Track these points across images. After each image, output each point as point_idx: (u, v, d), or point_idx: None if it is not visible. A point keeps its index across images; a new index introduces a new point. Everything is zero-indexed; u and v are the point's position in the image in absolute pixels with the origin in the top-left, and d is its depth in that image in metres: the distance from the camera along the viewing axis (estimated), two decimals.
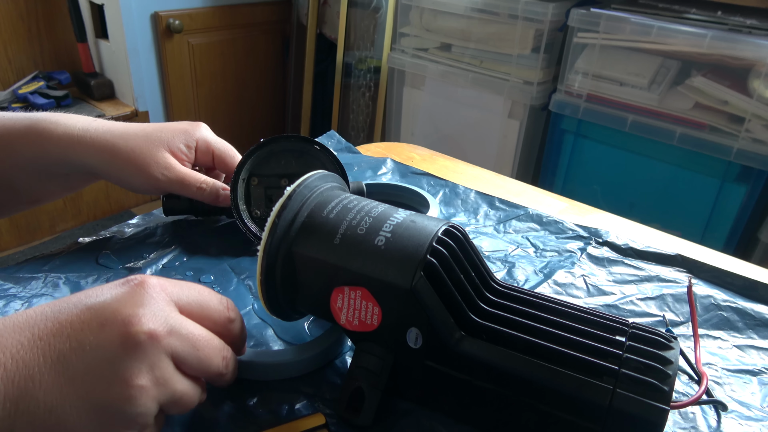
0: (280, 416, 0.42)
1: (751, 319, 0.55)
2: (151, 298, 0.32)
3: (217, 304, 0.36)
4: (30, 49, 1.82)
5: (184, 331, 0.32)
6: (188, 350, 0.32)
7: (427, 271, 0.38)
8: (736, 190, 1.24)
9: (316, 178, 0.45)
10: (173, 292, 0.33)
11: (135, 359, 0.29)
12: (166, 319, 0.31)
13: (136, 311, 0.30)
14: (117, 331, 0.29)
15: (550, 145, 1.51)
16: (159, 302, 0.32)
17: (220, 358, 0.35)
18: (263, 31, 2.15)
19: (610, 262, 0.63)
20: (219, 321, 0.36)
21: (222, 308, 0.37)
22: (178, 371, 0.32)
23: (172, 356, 0.31)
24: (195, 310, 0.35)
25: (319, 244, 0.41)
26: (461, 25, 1.56)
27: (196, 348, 0.33)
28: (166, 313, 0.32)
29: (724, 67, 1.21)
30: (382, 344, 0.41)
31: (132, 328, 0.30)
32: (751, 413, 0.45)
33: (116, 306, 0.30)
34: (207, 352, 0.33)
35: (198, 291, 0.36)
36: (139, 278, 0.32)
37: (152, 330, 0.30)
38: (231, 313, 0.37)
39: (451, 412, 0.42)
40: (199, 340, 0.33)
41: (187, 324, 0.33)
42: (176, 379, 0.32)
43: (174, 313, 0.32)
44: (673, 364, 0.37)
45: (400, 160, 0.86)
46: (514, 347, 0.38)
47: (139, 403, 0.30)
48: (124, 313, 0.30)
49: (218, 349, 0.35)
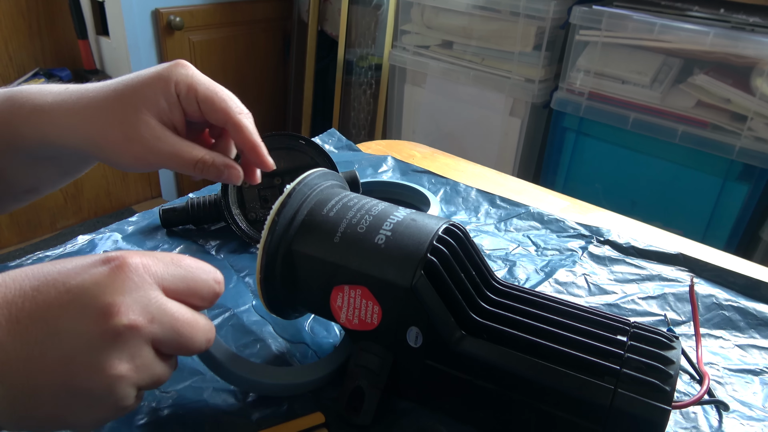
0: (279, 415, 0.42)
1: (753, 318, 0.54)
2: (132, 282, 0.30)
3: (206, 278, 0.34)
4: (31, 46, 1.82)
5: (167, 317, 0.31)
6: (170, 335, 0.31)
7: (428, 270, 0.38)
8: (738, 189, 1.24)
9: (316, 176, 0.44)
10: (157, 272, 0.32)
11: (114, 349, 0.29)
12: (147, 305, 0.30)
13: (116, 300, 0.29)
14: (96, 321, 0.28)
15: (552, 143, 1.51)
16: (140, 287, 0.30)
17: (204, 339, 0.34)
18: (264, 28, 2.14)
19: (612, 260, 0.63)
20: (207, 297, 0.35)
21: (211, 282, 0.35)
22: (157, 356, 0.32)
23: (152, 342, 0.31)
24: (181, 289, 0.33)
25: (319, 242, 0.40)
26: (463, 23, 1.55)
27: (178, 333, 0.32)
28: (147, 298, 0.30)
29: (727, 65, 1.20)
30: (382, 343, 0.40)
31: (112, 318, 0.29)
32: (752, 413, 0.44)
33: (96, 292, 0.29)
34: (190, 334, 0.32)
35: (185, 267, 0.34)
36: (120, 258, 0.30)
37: (132, 321, 0.29)
38: (219, 286, 0.35)
39: (451, 412, 0.42)
40: (182, 324, 0.32)
41: (170, 308, 0.32)
42: (155, 364, 0.31)
43: (156, 297, 0.31)
44: (675, 363, 0.36)
45: (401, 158, 0.85)
46: (515, 347, 0.38)
47: (118, 390, 0.29)
48: (104, 302, 0.29)
49: (203, 331, 0.33)
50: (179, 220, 0.62)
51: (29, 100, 0.42)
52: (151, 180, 2.04)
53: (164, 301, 0.31)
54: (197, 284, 0.34)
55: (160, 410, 0.41)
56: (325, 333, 0.50)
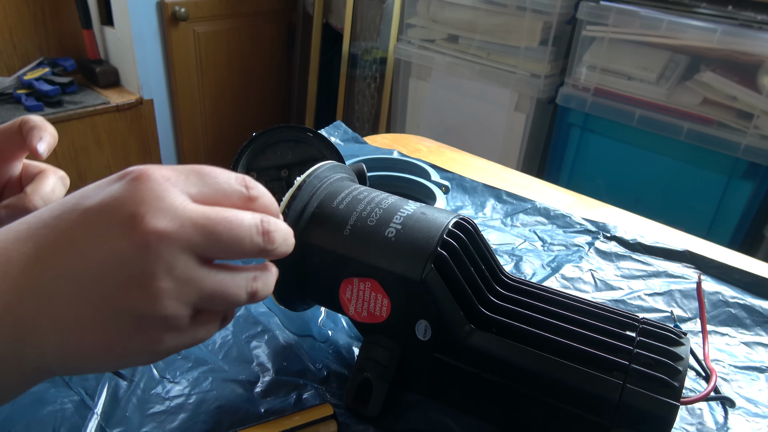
0: (288, 406, 0.42)
1: (759, 316, 0.55)
2: (153, 191, 0.27)
3: (234, 184, 0.31)
4: (35, 36, 1.81)
5: (200, 219, 0.28)
6: (209, 239, 0.28)
7: (438, 264, 0.38)
8: (742, 187, 1.23)
9: (325, 168, 0.44)
10: (179, 182, 0.29)
11: (148, 261, 0.26)
12: (174, 210, 0.27)
13: (138, 210, 0.27)
14: (121, 234, 0.26)
15: (557, 139, 1.50)
16: (163, 194, 0.28)
17: (253, 234, 0.29)
18: (269, 20, 2.13)
19: (618, 256, 0.63)
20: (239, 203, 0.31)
21: (240, 188, 0.31)
22: (203, 264, 0.28)
23: (190, 250, 0.28)
24: (209, 195, 0.30)
25: (329, 234, 0.40)
26: (468, 17, 1.54)
27: (217, 233, 0.28)
28: (173, 204, 0.28)
29: (734, 63, 1.20)
30: (390, 336, 0.40)
31: (137, 229, 0.26)
32: (758, 410, 0.45)
33: (116, 205, 0.27)
34: (232, 234, 0.29)
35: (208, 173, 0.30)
36: (137, 170, 0.28)
37: (160, 228, 0.27)
38: (251, 191, 0.31)
39: (458, 405, 0.42)
40: (218, 224, 0.28)
41: (201, 210, 0.28)
42: (202, 275, 0.28)
43: (183, 202, 0.28)
44: (684, 360, 0.36)
45: (407, 152, 0.85)
46: (523, 341, 0.38)
47: (163, 305, 0.27)
48: (126, 213, 0.27)
49: (247, 226, 0.29)
50: None
51: None
52: None
53: (193, 206, 0.28)
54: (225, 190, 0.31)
55: (169, 400, 0.42)
56: (333, 326, 0.50)
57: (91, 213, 0.27)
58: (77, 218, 0.27)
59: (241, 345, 0.47)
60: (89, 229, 0.27)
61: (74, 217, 0.27)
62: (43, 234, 0.27)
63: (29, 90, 1.70)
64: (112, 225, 0.27)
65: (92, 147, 1.81)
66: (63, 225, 0.27)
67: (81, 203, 0.28)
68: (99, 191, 0.28)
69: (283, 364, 0.46)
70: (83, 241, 0.27)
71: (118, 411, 0.40)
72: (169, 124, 2.02)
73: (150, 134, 1.94)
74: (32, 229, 0.28)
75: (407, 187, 0.72)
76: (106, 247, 0.27)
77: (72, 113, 1.70)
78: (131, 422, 0.40)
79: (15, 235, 0.28)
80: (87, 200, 0.28)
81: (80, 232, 0.27)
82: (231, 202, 0.31)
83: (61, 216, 0.28)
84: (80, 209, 0.28)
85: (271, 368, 0.45)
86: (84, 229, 0.27)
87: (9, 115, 1.61)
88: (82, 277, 0.27)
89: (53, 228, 0.27)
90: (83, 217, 0.27)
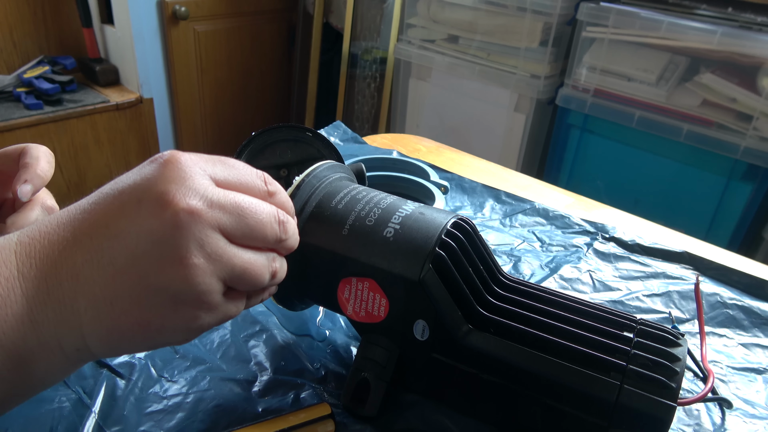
0: (285, 406, 0.42)
1: (756, 317, 0.55)
2: (183, 172, 0.29)
3: (255, 178, 0.33)
4: (35, 34, 1.81)
5: (227, 200, 0.30)
6: (235, 220, 0.30)
7: (436, 264, 0.38)
8: (742, 188, 1.24)
9: (324, 168, 0.44)
10: (206, 167, 0.31)
11: (180, 238, 0.28)
12: (204, 192, 0.29)
13: (169, 188, 0.28)
14: (153, 213, 0.28)
15: (556, 140, 1.50)
16: (192, 176, 0.29)
17: (272, 221, 0.32)
18: (269, 19, 2.13)
19: (617, 257, 0.63)
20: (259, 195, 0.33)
21: (260, 182, 0.33)
22: (231, 244, 0.30)
23: (219, 229, 0.29)
24: (232, 181, 0.32)
25: (328, 234, 0.40)
26: (469, 17, 1.54)
27: (243, 215, 0.30)
28: (202, 186, 0.29)
29: (734, 65, 1.20)
30: (388, 336, 0.40)
31: (168, 207, 0.28)
32: (755, 411, 0.45)
33: (148, 185, 0.28)
34: (256, 218, 0.31)
35: (232, 164, 0.33)
36: (167, 154, 0.30)
37: (191, 206, 0.28)
38: (270, 186, 0.34)
39: (456, 405, 0.42)
40: (245, 207, 0.30)
41: (228, 193, 0.30)
42: (231, 252, 0.30)
43: (210, 184, 0.30)
44: (681, 361, 0.36)
45: (407, 152, 0.85)
46: (521, 341, 0.38)
47: (197, 281, 0.28)
48: (157, 192, 0.28)
49: (268, 214, 0.32)
50: None
51: None
52: None
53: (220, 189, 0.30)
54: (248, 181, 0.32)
55: (166, 399, 0.42)
56: (331, 325, 0.50)
57: (124, 195, 0.29)
58: (111, 201, 0.29)
59: (239, 344, 0.47)
60: (123, 211, 0.28)
61: (109, 200, 0.29)
62: (80, 218, 0.29)
63: (29, 88, 1.70)
64: (144, 205, 0.28)
65: (92, 146, 1.81)
66: (98, 209, 0.29)
67: (115, 188, 0.29)
68: (131, 175, 0.30)
69: (281, 363, 0.46)
70: (117, 222, 0.28)
71: (115, 410, 0.40)
72: (169, 123, 2.01)
73: (150, 133, 1.94)
74: (72, 215, 0.29)
75: (406, 187, 0.72)
76: (138, 227, 0.28)
77: (72, 112, 1.70)
78: (129, 421, 0.40)
79: (57, 220, 0.29)
80: (120, 184, 0.29)
81: (114, 214, 0.28)
82: (252, 193, 0.32)
83: (97, 201, 0.29)
84: (114, 193, 0.29)
85: (269, 367, 0.45)
86: (118, 211, 0.28)
87: (9, 114, 1.61)
88: (117, 258, 0.28)
89: (90, 212, 0.29)
90: (117, 199, 0.29)
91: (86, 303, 0.28)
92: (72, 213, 0.29)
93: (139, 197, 0.28)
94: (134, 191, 0.29)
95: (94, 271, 0.28)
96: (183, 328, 0.29)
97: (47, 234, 0.29)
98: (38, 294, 0.27)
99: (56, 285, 0.28)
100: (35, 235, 0.29)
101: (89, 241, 0.28)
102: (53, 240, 0.28)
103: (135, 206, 0.28)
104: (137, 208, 0.28)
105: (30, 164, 0.42)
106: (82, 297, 0.28)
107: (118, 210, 0.28)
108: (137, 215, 0.28)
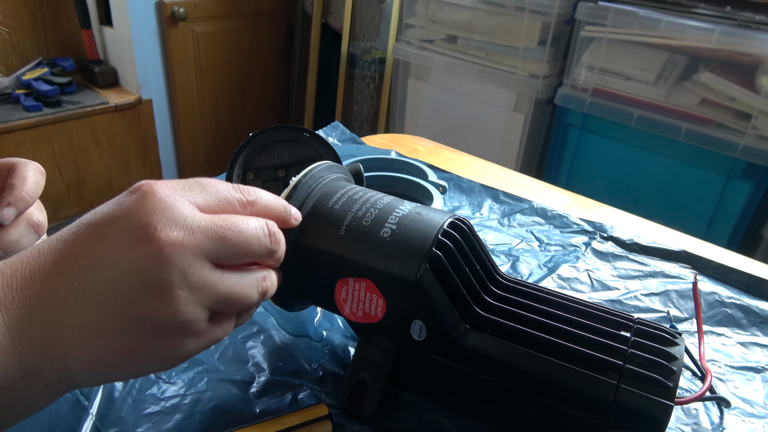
0: (283, 406, 0.42)
1: (755, 316, 0.55)
2: (163, 202, 0.29)
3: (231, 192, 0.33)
4: (34, 35, 1.81)
5: (208, 225, 0.30)
6: (219, 243, 0.30)
7: (433, 264, 0.38)
8: (741, 187, 1.23)
9: (321, 168, 0.44)
10: (184, 194, 0.31)
11: (163, 270, 0.28)
12: (185, 221, 0.29)
13: (150, 220, 0.28)
14: (136, 245, 0.28)
15: (555, 139, 1.50)
16: (173, 205, 0.29)
17: (259, 235, 0.32)
18: (268, 20, 2.14)
19: (615, 257, 0.63)
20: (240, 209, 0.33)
21: (237, 195, 0.33)
22: (216, 269, 0.30)
23: (203, 256, 0.29)
24: (212, 205, 0.32)
25: (325, 234, 0.40)
26: (467, 17, 1.54)
27: (226, 237, 0.30)
28: (183, 215, 0.29)
29: (732, 63, 1.20)
30: (386, 336, 0.40)
31: (151, 239, 0.28)
32: (754, 410, 0.45)
33: (129, 217, 0.28)
34: (240, 237, 0.30)
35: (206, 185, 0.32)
36: (146, 184, 0.30)
37: (172, 237, 0.28)
38: (248, 196, 0.33)
39: (454, 405, 0.42)
40: (227, 229, 0.30)
41: (209, 217, 0.30)
42: (216, 278, 0.30)
43: (191, 212, 0.30)
44: (678, 360, 0.36)
45: (405, 152, 0.85)
46: (518, 341, 0.38)
47: (181, 310, 0.28)
48: (139, 225, 0.28)
49: (254, 228, 0.31)
50: None
51: None
52: (154, 171, 2.04)
53: (200, 213, 0.30)
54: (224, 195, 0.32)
55: (164, 400, 0.42)
56: (329, 326, 0.50)
57: (106, 227, 0.29)
58: (93, 232, 0.29)
59: (237, 345, 0.47)
60: (105, 242, 0.28)
61: (90, 231, 0.29)
62: (62, 250, 0.29)
63: (28, 90, 1.70)
64: (126, 237, 0.28)
65: (91, 147, 1.81)
66: (80, 241, 0.29)
67: (96, 218, 0.29)
68: (111, 207, 0.30)
69: (278, 364, 0.46)
70: (100, 254, 0.28)
71: (113, 411, 0.40)
72: (168, 124, 2.01)
73: (149, 134, 1.94)
74: (53, 246, 0.29)
75: (404, 188, 0.72)
76: (121, 259, 0.28)
77: (71, 113, 1.70)
78: (126, 422, 0.40)
79: (39, 251, 0.29)
80: (101, 216, 0.29)
81: (96, 246, 0.28)
82: (233, 209, 0.32)
83: (78, 233, 0.29)
84: (95, 224, 0.29)
85: (266, 368, 0.45)
86: (100, 242, 0.28)
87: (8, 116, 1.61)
88: (100, 289, 0.28)
89: (71, 244, 0.29)
90: (98, 231, 0.29)
91: (70, 333, 0.28)
92: (53, 244, 0.29)
93: (121, 230, 0.28)
94: (116, 223, 0.29)
95: (77, 302, 0.28)
96: (169, 355, 0.30)
97: (29, 265, 0.28)
98: (21, 325, 0.27)
99: (39, 316, 0.27)
100: (17, 266, 0.28)
101: (72, 273, 0.28)
102: (34, 271, 0.28)
103: (117, 238, 0.28)
104: (120, 240, 0.28)
105: (15, 186, 0.41)
106: (66, 327, 0.28)
107: (100, 242, 0.28)
108: (119, 246, 0.28)
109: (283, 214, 0.36)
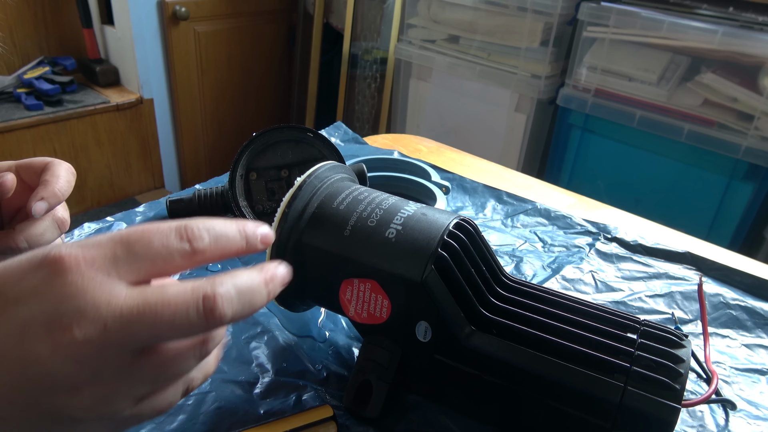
0: (287, 407, 0.42)
1: (760, 318, 0.54)
2: (74, 287, 0.25)
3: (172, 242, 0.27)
4: (35, 34, 1.81)
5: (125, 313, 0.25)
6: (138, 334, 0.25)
7: (438, 265, 0.38)
8: (743, 188, 1.23)
9: (326, 168, 0.44)
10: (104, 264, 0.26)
11: (72, 370, 0.24)
12: (97, 312, 0.24)
13: (58, 310, 0.24)
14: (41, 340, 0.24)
15: (557, 140, 1.50)
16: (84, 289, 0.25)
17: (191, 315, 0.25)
18: (270, 19, 2.14)
19: (619, 258, 0.63)
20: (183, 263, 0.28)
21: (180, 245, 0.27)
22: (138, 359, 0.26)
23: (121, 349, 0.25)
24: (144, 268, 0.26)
25: (329, 235, 0.40)
26: (469, 17, 1.54)
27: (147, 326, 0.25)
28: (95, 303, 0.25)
29: (735, 64, 1.20)
30: (390, 337, 0.40)
31: (58, 337, 0.24)
32: (759, 413, 0.44)
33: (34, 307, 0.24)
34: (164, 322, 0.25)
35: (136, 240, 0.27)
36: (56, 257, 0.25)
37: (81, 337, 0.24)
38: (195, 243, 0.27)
39: (459, 406, 0.42)
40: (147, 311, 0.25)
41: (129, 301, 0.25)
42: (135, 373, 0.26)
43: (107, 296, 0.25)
44: (685, 362, 0.36)
45: (407, 152, 0.85)
46: (524, 343, 0.38)
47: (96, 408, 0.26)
48: (45, 317, 0.24)
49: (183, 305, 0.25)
50: (186, 211, 0.62)
51: None
52: (155, 171, 2.04)
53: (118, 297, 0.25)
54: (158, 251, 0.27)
55: None
56: (333, 326, 0.50)
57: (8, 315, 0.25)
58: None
59: (241, 346, 0.47)
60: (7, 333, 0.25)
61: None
62: None
63: (29, 89, 1.70)
64: (32, 329, 0.24)
65: (92, 146, 1.81)
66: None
67: None
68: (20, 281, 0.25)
69: (282, 365, 0.45)
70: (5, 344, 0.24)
71: None
72: (169, 124, 2.01)
73: (150, 134, 1.94)
74: None
75: (407, 188, 0.72)
76: (25, 353, 0.24)
77: (72, 112, 1.70)
78: None
79: None
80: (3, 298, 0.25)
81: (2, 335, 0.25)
82: (174, 265, 0.27)
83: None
84: None
85: (270, 369, 0.45)
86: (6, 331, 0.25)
87: (9, 114, 1.60)
88: (4, 384, 0.25)
89: None
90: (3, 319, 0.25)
91: None
92: None
93: (25, 321, 0.24)
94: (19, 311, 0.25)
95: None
96: None
97: None
98: None
99: None
100: None
101: None
102: None
103: (20, 328, 0.24)
104: (23, 332, 0.24)
105: (49, 182, 0.41)
106: None
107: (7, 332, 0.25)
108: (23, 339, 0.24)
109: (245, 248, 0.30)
